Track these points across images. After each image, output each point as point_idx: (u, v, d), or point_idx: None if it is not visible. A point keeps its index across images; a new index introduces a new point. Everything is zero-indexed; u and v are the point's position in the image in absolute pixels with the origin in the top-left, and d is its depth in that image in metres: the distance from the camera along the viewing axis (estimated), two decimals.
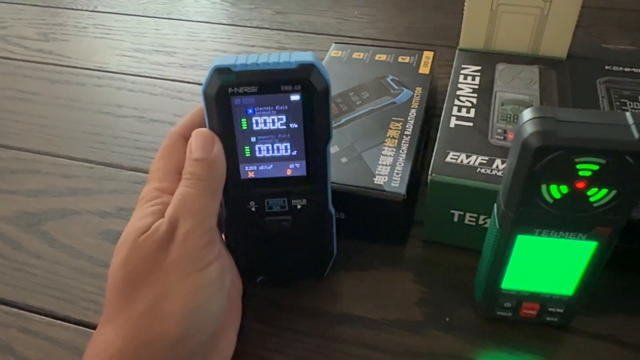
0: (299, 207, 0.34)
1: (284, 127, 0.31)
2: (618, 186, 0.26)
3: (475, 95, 0.45)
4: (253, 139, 0.32)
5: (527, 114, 0.26)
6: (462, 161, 0.38)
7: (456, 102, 0.44)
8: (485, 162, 0.38)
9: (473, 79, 0.47)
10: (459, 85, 0.46)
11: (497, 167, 0.37)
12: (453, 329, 0.35)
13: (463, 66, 0.49)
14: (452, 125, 0.42)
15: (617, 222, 0.28)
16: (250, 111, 0.31)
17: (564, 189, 0.27)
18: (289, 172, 0.33)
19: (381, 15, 0.73)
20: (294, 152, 0.32)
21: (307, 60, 0.29)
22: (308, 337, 0.35)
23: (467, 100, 0.45)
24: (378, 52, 0.54)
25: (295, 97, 0.30)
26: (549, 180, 0.27)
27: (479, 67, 0.49)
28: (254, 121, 0.31)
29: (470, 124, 0.42)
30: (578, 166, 0.26)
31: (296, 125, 0.31)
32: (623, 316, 0.35)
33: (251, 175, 0.33)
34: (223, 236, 0.34)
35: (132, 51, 0.67)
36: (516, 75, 0.47)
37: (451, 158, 0.39)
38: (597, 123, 0.26)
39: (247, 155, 0.32)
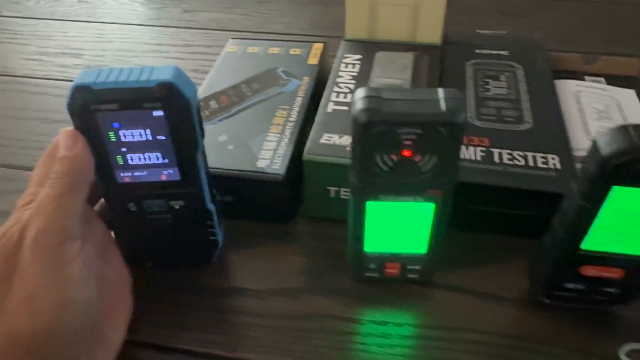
0: (177, 207, 0.36)
1: (152, 138, 0.32)
2: (438, 153, 0.31)
3: (354, 81, 0.49)
4: (124, 149, 0.33)
5: (357, 94, 0.30)
6: (334, 142, 0.42)
7: (335, 88, 0.48)
8: None
9: (353, 67, 0.51)
10: (340, 73, 0.50)
11: None
12: (329, 292, 0.39)
13: (346, 55, 0.53)
14: (329, 109, 0.46)
15: (446, 185, 0.33)
16: (116, 125, 0.32)
17: (394, 157, 0.31)
18: (163, 177, 0.34)
19: (285, 10, 0.76)
20: (166, 160, 0.34)
21: (165, 79, 0.30)
22: (201, 312, 0.38)
23: (345, 87, 0.48)
24: (271, 46, 0.57)
25: (157, 113, 0.31)
26: (379, 151, 0.31)
27: (360, 56, 0.53)
28: (121, 134, 0.32)
29: (347, 108, 0.46)
30: (401, 137, 0.30)
31: (163, 137, 0.32)
32: (473, 269, 0.40)
33: (127, 180, 0.34)
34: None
35: (38, 55, 0.68)
36: (392, 61, 0.52)
37: (325, 139, 0.42)
38: (415, 99, 0.30)
39: (120, 163, 0.33)
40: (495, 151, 0.43)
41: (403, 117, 0.29)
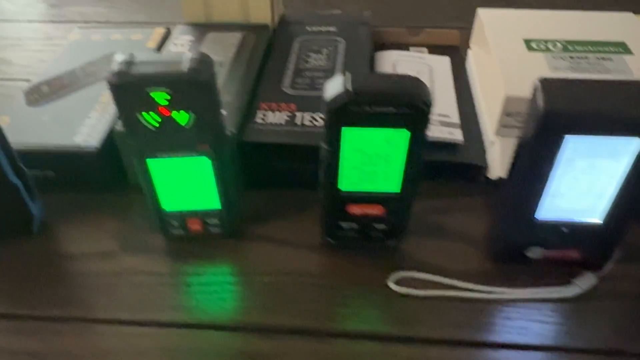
0: None
1: None
2: (193, 110, 0.34)
3: None
4: None
5: (115, 60, 0.33)
6: None
7: None
8: None
9: (182, 47, 0.54)
10: None
11: None
12: (141, 251, 0.42)
13: (178, 37, 0.56)
14: None
15: (213, 139, 0.36)
16: None
17: (155, 116, 0.34)
18: None
19: (149, 2, 0.79)
20: None
21: None
22: (14, 277, 0.41)
23: None
24: (114, 33, 0.59)
25: None
26: (140, 111, 0.34)
27: (192, 37, 0.56)
28: None
29: None
30: (153, 95, 0.33)
31: None
32: (275, 221, 0.44)
33: None
34: None
35: None
36: (220, 41, 0.55)
37: None
38: (164, 62, 0.33)
39: None
40: (299, 114, 0.47)
41: (149, 77, 0.33)
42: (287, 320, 0.38)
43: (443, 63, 0.58)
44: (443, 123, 0.49)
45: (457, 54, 0.61)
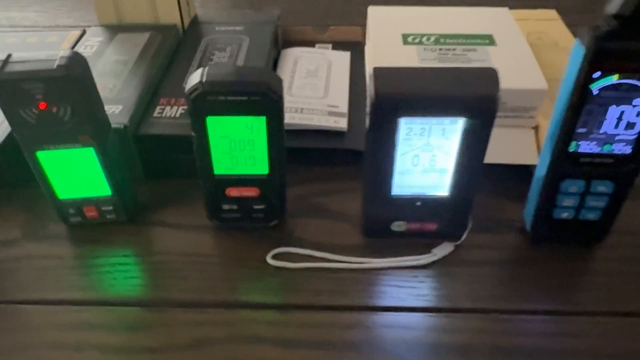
0: None
1: None
2: (70, 103, 0.38)
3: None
4: None
5: None
6: None
7: None
8: None
9: (92, 48, 0.57)
10: None
11: None
12: (43, 239, 0.45)
13: (89, 38, 0.59)
14: None
15: (93, 131, 0.40)
16: None
17: (35, 110, 0.38)
18: None
19: (77, 5, 0.81)
20: None
21: None
22: None
23: None
24: (31, 36, 0.62)
25: None
26: (21, 106, 0.37)
27: (101, 38, 0.59)
28: None
29: None
30: (28, 91, 0.36)
31: None
32: (171, 207, 0.48)
33: None
34: None
35: None
36: (128, 41, 0.58)
37: None
38: (37, 60, 0.37)
39: None
40: None
41: (22, 74, 0.36)
42: (174, 294, 0.41)
43: (343, 58, 0.62)
44: (331, 113, 0.53)
45: (360, 50, 0.65)
